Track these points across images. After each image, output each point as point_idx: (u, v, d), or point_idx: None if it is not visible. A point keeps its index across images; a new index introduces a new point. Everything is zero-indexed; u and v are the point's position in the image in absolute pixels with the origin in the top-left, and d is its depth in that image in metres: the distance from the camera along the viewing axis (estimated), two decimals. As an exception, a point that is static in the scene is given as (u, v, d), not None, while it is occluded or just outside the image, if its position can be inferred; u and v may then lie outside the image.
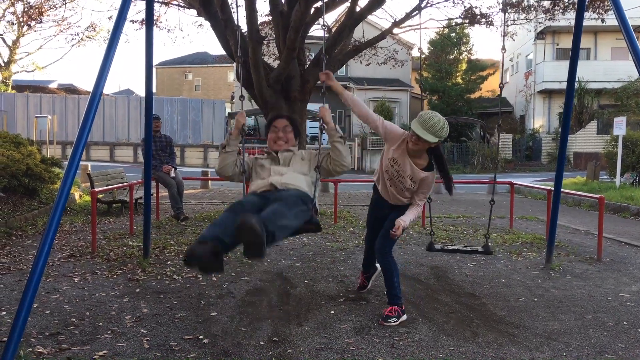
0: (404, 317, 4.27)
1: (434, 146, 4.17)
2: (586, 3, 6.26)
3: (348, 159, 3.90)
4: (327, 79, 4.16)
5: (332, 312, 4.44)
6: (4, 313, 4.24)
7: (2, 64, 32.08)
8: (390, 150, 4.25)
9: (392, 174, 4.25)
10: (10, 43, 32.00)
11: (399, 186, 4.27)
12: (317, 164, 3.91)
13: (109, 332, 3.87)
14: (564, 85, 6.07)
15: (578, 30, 5.62)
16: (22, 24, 26.68)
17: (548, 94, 31.21)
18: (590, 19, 11.19)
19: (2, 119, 25.65)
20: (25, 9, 15.50)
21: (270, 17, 11.41)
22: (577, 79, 8.87)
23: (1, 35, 31.65)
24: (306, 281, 5.41)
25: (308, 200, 3.67)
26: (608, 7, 10.60)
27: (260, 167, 3.99)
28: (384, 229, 4.34)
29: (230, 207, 3.49)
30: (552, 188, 6.64)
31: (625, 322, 4.32)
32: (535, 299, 4.94)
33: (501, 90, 5.25)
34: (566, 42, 29.44)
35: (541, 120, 31.66)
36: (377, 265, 4.84)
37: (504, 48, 5.20)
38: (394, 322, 4.17)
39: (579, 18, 5.60)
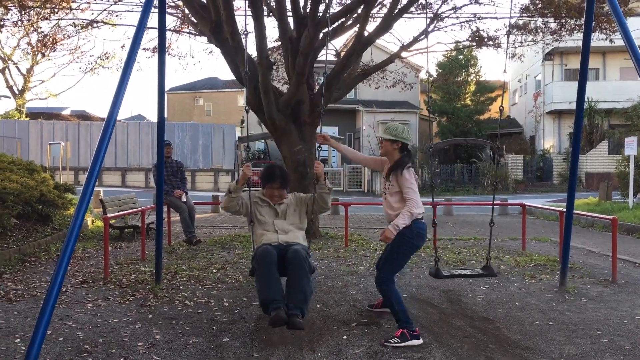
0: (415, 342, 4.22)
1: (400, 147, 4.54)
2: (593, 24, 6.30)
3: (329, 204, 4.79)
4: (324, 141, 4.79)
5: (345, 337, 4.41)
6: (17, 340, 4.26)
7: (17, 92, 32.64)
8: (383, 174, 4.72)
9: (382, 187, 4.67)
10: (24, 71, 32.63)
11: (384, 194, 4.59)
12: (308, 221, 4.93)
13: (122, 359, 3.86)
14: (573, 106, 6.10)
15: (586, 51, 5.65)
16: (36, 53, 27.21)
17: (558, 114, 31.16)
18: (598, 40, 11.25)
19: (16, 146, 25.99)
20: (40, 39, 15.82)
21: (279, 43, 11.57)
22: (586, 99, 8.90)
23: (16, 64, 32.27)
24: (318, 306, 5.39)
25: (308, 251, 4.58)
26: (615, 28, 10.65)
27: (261, 215, 4.77)
28: (383, 257, 4.62)
29: (262, 262, 4.29)
30: (564, 209, 6.60)
31: (642, 346, 4.25)
32: (550, 323, 4.88)
33: (501, 113, 5.42)
34: (575, 62, 29.49)
35: (551, 140, 31.56)
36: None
37: (505, 70, 5.31)
38: (394, 342, 4.18)
39: (587, 39, 5.64)
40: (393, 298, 4.37)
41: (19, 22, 13.44)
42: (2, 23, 13.69)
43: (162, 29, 5.91)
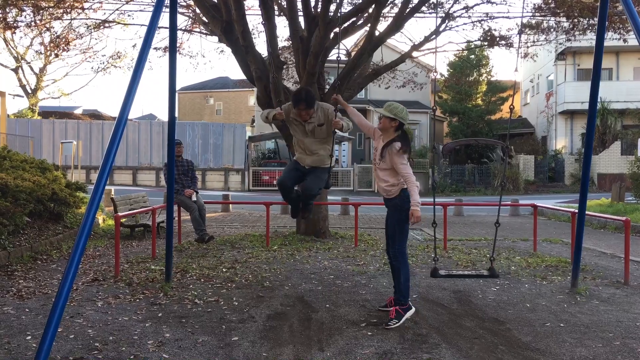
0: (409, 313, 4.71)
1: (396, 126, 4.81)
2: (606, 24, 6.24)
3: (347, 127, 5.21)
4: (336, 100, 5.26)
5: (354, 337, 4.40)
6: (29, 337, 4.30)
7: (30, 91, 32.95)
8: (373, 145, 5.12)
9: (373, 158, 5.03)
10: (37, 71, 32.93)
11: (375, 165, 4.91)
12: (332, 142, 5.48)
13: (131, 357, 3.88)
14: (585, 106, 6.04)
15: (599, 50, 5.60)
16: (49, 52, 27.44)
17: (570, 114, 30.91)
18: (611, 39, 11.13)
19: (28, 145, 26.22)
20: (53, 39, 15.93)
21: (290, 42, 11.57)
22: (599, 99, 8.80)
23: (29, 63, 32.58)
24: (327, 305, 5.38)
25: (327, 171, 5.51)
26: (629, 28, 10.54)
27: (295, 132, 5.45)
28: (390, 233, 4.95)
29: (283, 192, 5.46)
30: (577, 210, 6.54)
31: (655, 349, 4.21)
32: (562, 324, 4.84)
33: (511, 112, 5.41)
34: (587, 62, 29.22)
35: (563, 141, 31.31)
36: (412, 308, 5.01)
37: (516, 69, 5.29)
38: (394, 324, 4.58)
39: (600, 39, 5.58)
40: (404, 271, 4.78)
41: (32, 23, 13.54)
42: (16, 24, 13.81)
43: (173, 28, 5.94)
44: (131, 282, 6.27)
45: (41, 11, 12.43)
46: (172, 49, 5.96)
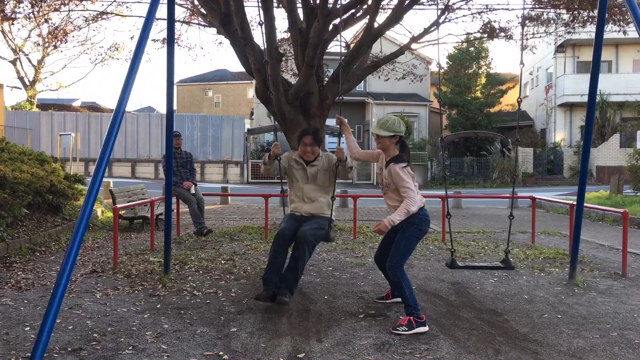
0: (422, 329, 4.29)
1: (396, 142, 4.61)
2: (606, 17, 6.22)
3: (350, 176, 5.25)
4: (340, 123, 5.03)
5: (352, 328, 4.41)
6: (27, 328, 4.30)
7: (28, 83, 32.85)
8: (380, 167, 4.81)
9: (380, 181, 4.79)
10: (35, 63, 32.82)
11: (384, 188, 4.68)
12: (332, 194, 5.16)
13: (130, 348, 3.89)
14: (585, 99, 6.03)
15: (599, 43, 5.58)
16: (47, 44, 27.31)
17: (569, 107, 30.90)
18: (611, 32, 11.11)
19: (27, 137, 26.18)
20: (51, 30, 15.87)
21: (288, 34, 11.53)
22: (598, 92, 8.79)
23: (27, 55, 32.47)
24: (326, 297, 5.40)
25: (327, 221, 5.11)
26: (629, 20, 10.52)
27: (295, 178, 5.23)
28: (392, 247, 4.60)
29: (276, 243, 4.95)
30: (575, 202, 6.55)
31: (652, 340, 4.22)
32: (559, 316, 4.85)
33: (519, 105, 5.31)
34: (587, 55, 29.18)
35: (562, 133, 31.31)
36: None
37: (522, 62, 5.26)
38: (402, 330, 4.25)
39: (600, 31, 5.56)
40: (405, 284, 4.45)
41: (31, 15, 13.48)
42: (14, 16, 13.75)
43: (171, 19, 5.91)
44: (130, 273, 6.28)
45: (39, 2, 12.37)
46: (170, 40, 5.94)
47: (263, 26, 6.74)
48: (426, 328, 4.31)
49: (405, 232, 4.51)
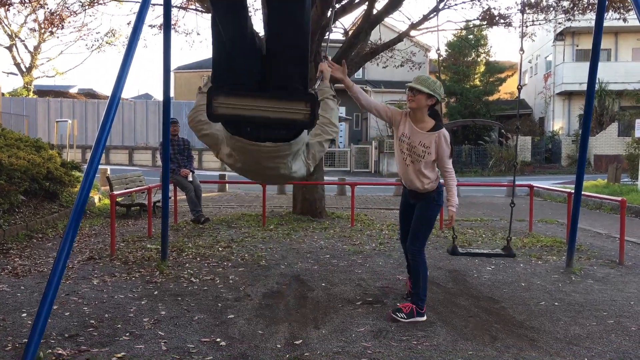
0: (420, 318, 4.27)
1: (432, 104, 4.14)
2: (606, 3, 6.18)
3: (336, 121, 3.76)
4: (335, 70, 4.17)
5: (350, 315, 4.41)
6: (24, 315, 4.30)
7: (24, 70, 32.63)
8: (398, 130, 4.28)
9: (407, 149, 4.20)
10: (32, 49, 32.57)
11: (415, 158, 4.16)
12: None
13: (127, 334, 3.89)
14: (584, 87, 6.01)
15: (598, 30, 5.54)
16: (43, 30, 27.11)
17: (568, 95, 30.82)
18: (611, 19, 11.03)
19: (23, 124, 26.05)
20: (47, 16, 15.74)
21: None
22: (597, 80, 8.75)
23: (23, 41, 32.20)
24: (323, 284, 5.40)
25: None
26: (630, 7, 10.45)
27: None
28: (411, 229, 4.34)
29: None
30: (573, 191, 6.54)
31: (648, 327, 4.24)
32: (556, 303, 4.86)
33: (519, 92, 5.29)
34: (586, 43, 29.05)
35: (561, 122, 31.27)
36: None
37: (522, 49, 5.22)
38: (401, 316, 4.21)
39: (600, 18, 5.52)
40: (422, 272, 4.29)
41: (26, 0, 13.35)
42: (10, 1, 13.61)
43: (167, 5, 5.85)
44: (127, 260, 6.27)
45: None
46: (167, 26, 5.87)
47: (259, 13, 6.70)
48: (424, 317, 4.30)
49: (426, 211, 4.24)
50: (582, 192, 6.30)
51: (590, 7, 11.22)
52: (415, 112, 4.17)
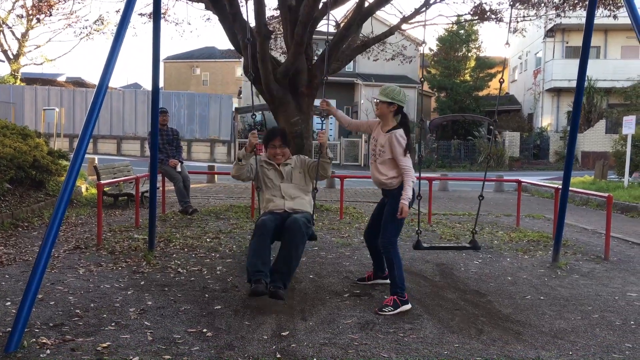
0: (406, 307, 4.36)
1: (395, 110, 4.58)
2: (597, 1, 6.22)
3: (329, 173, 4.93)
4: (326, 106, 4.96)
5: (337, 307, 4.42)
6: (8, 303, 4.25)
7: (11, 57, 32.21)
8: (371, 135, 4.79)
9: (372, 149, 4.70)
10: (19, 36, 32.15)
11: (373, 157, 4.65)
12: (313, 186, 5.02)
13: (112, 324, 3.86)
14: (573, 84, 6.06)
15: (589, 27, 5.56)
16: (31, 17, 26.73)
17: (557, 92, 31.02)
18: (601, 17, 11.09)
19: (10, 111, 25.74)
20: (35, 3, 15.52)
21: (278, 12, 11.38)
22: (586, 78, 8.79)
23: (10, 28, 31.78)
24: (311, 276, 5.40)
25: (310, 218, 4.80)
26: (620, 4, 10.50)
27: (268, 179, 4.90)
28: (382, 223, 4.59)
29: (258, 232, 4.44)
30: (560, 186, 6.59)
31: (632, 322, 4.28)
32: (542, 297, 4.90)
33: (500, 86, 5.36)
34: (576, 40, 29.22)
35: (549, 118, 31.47)
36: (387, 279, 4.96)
37: (507, 43, 5.29)
38: (389, 311, 4.29)
39: (590, 15, 5.54)
40: (396, 261, 4.47)
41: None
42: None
43: (157, -8, 5.78)
44: (114, 250, 6.23)
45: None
46: (157, 15, 5.81)
47: (251, 3, 6.67)
48: (409, 306, 4.39)
49: (393, 208, 4.44)
50: (569, 188, 6.34)
51: (580, 3, 11.26)
52: (382, 118, 4.64)
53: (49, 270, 5.18)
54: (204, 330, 3.81)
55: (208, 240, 7.01)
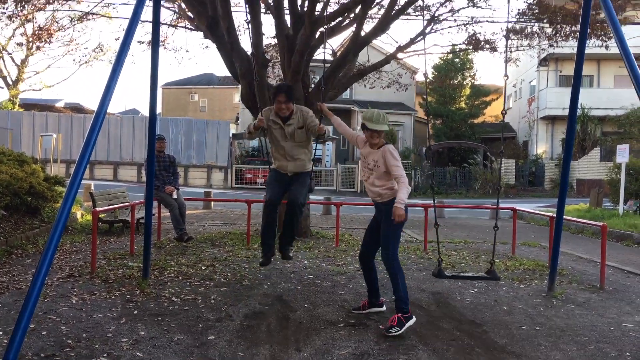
0: (410, 322, 4.51)
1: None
2: (588, 32, 6.33)
3: (328, 137, 5.61)
4: (322, 107, 5.64)
5: (332, 337, 4.39)
6: (0, 333, 4.21)
7: (10, 83, 32.39)
8: (362, 152, 4.97)
9: (363, 166, 4.92)
10: (18, 62, 32.38)
11: (368, 173, 4.82)
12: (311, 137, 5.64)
13: (104, 355, 3.82)
14: (567, 112, 6.10)
15: (580, 57, 5.66)
16: (31, 44, 26.97)
17: (551, 120, 31.29)
18: (593, 46, 11.27)
19: (7, 137, 25.76)
20: (35, 31, 15.69)
21: (275, 40, 11.52)
22: (580, 106, 8.89)
23: (10, 54, 32.03)
24: (306, 305, 5.37)
25: (309, 175, 5.72)
26: (611, 35, 10.68)
27: (274, 137, 5.54)
28: (381, 240, 4.73)
29: (267, 210, 5.45)
30: (555, 215, 6.61)
31: (628, 353, 4.26)
32: (537, 328, 4.88)
33: (504, 117, 5.39)
34: (569, 68, 29.50)
35: (544, 146, 31.68)
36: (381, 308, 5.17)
37: (506, 75, 5.32)
38: (395, 331, 4.40)
39: (581, 46, 5.64)
40: (400, 275, 4.60)
41: (15, 16, 13.28)
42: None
43: (156, 22, 5.88)
44: (107, 278, 6.19)
45: (24, 3, 12.19)
46: (155, 42, 5.90)
47: (250, 31, 6.77)
48: (414, 319, 4.56)
49: (389, 222, 4.56)
50: (564, 217, 6.36)
51: (572, 34, 11.45)
52: (376, 142, 4.85)
53: (42, 299, 5.14)
54: (197, 361, 3.77)
55: (203, 267, 6.97)
